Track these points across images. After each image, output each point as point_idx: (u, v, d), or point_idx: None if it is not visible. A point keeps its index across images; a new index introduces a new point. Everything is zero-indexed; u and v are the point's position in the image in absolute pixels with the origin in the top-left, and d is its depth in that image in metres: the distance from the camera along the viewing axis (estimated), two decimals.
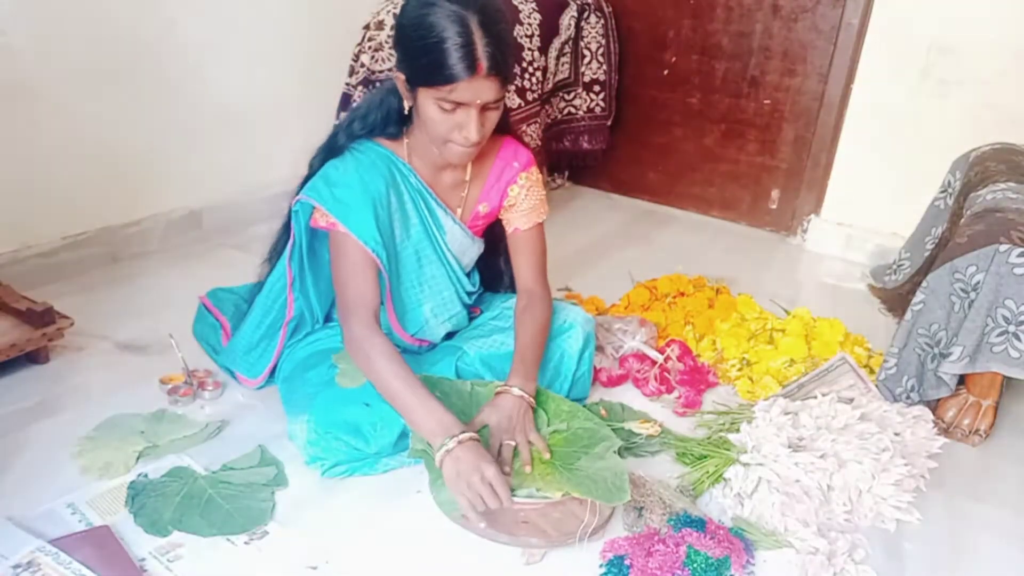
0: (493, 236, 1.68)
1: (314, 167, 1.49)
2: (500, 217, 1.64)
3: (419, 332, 1.62)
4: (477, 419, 1.43)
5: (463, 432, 1.31)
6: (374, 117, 1.48)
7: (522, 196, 1.59)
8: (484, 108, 1.33)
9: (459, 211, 1.58)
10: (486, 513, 1.28)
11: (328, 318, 1.68)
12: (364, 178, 1.43)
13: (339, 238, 1.43)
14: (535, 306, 1.59)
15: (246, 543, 1.27)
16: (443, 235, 1.57)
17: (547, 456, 1.40)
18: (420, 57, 1.29)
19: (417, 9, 1.29)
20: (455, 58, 1.26)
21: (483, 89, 1.30)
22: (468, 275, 1.68)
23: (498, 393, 1.47)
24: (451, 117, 1.33)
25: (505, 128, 1.56)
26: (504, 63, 1.30)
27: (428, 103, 1.33)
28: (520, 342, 1.53)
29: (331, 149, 1.48)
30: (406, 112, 1.43)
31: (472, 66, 1.26)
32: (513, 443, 1.40)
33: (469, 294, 1.69)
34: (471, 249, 1.64)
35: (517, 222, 1.61)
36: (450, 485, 1.28)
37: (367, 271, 1.43)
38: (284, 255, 1.56)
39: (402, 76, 1.36)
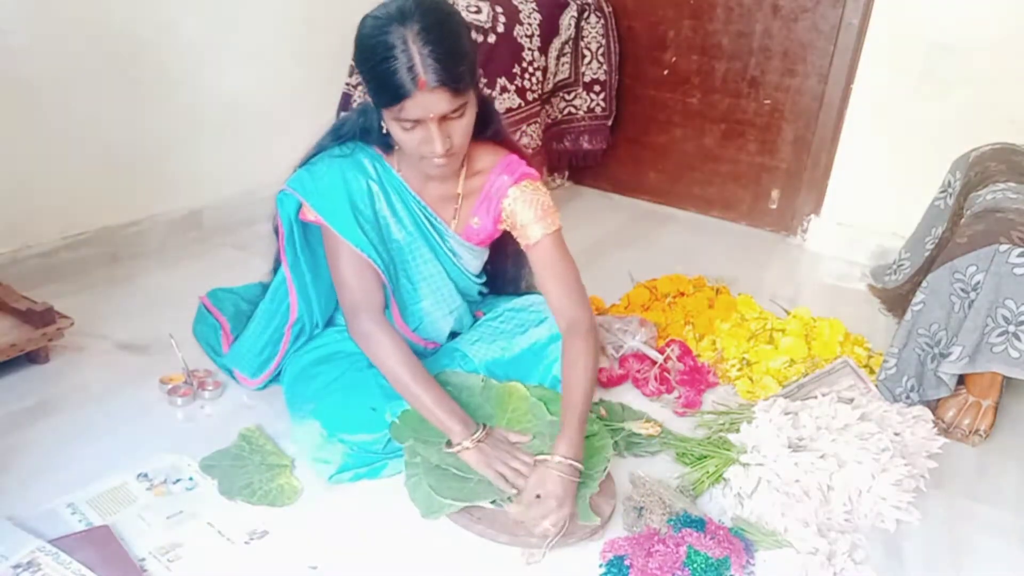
0: (500, 238, 1.65)
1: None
2: (512, 233, 1.56)
3: (420, 327, 1.61)
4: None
5: (478, 430, 1.38)
6: (350, 130, 1.46)
7: (518, 209, 1.49)
8: (445, 119, 1.29)
9: (453, 224, 1.55)
10: (486, 513, 1.30)
11: (330, 322, 1.67)
12: (347, 175, 1.43)
13: (330, 233, 1.43)
14: (579, 341, 1.43)
15: (246, 543, 1.27)
16: (442, 235, 1.55)
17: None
18: (370, 80, 1.28)
19: (362, 31, 1.28)
20: (397, 77, 1.22)
21: (432, 102, 1.25)
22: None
23: (540, 462, 1.33)
24: (414, 134, 1.30)
25: (498, 136, 1.53)
26: (450, 72, 1.23)
27: (390, 123, 1.32)
28: (567, 396, 1.40)
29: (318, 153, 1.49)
30: (384, 132, 1.39)
31: (414, 81, 1.22)
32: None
33: (478, 284, 1.66)
34: (472, 255, 1.60)
35: (524, 237, 1.50)
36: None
37: (362, 265, 1.43)
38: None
39: (370, 100, 1.35)
